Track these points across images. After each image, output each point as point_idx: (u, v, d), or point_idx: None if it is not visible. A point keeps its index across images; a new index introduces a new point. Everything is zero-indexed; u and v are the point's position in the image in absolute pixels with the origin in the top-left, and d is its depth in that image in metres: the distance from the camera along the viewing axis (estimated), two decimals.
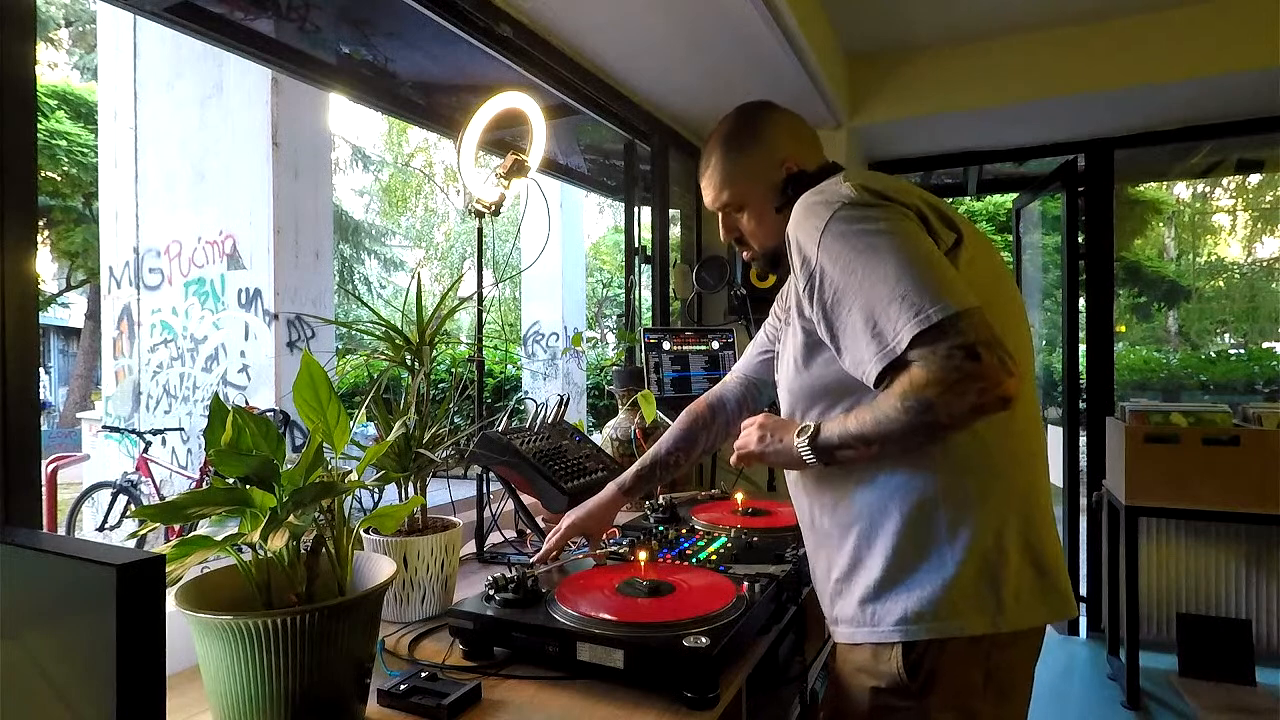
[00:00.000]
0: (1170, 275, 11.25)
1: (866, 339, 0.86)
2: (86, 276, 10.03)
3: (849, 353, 0.90)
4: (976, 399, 0.81)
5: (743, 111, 1.16)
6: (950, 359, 0.81)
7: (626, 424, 2.01)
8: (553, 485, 1.41)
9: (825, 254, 0.90)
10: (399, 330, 1.20)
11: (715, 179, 1.15)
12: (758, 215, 1.12)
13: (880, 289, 0.85)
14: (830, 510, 1.00)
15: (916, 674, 0.92)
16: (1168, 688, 2.70)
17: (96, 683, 0.56)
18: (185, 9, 1.84)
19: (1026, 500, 0.95)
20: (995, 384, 0.80)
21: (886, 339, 0.84)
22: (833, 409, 0.98)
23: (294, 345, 4.58)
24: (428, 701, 0.84)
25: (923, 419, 0.83)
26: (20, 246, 0.85)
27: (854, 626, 0.97)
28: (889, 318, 0.84)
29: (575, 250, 7.52)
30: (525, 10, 1.90)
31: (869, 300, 0.86)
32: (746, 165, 1.11)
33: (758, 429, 1.04)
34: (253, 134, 4.53)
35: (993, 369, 0.80)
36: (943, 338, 0.81)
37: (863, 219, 0.90)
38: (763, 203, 1.11)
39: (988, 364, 0.80)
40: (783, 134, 1.12)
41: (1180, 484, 2.53)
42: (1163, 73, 2.56)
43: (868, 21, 2.65)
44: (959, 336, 0.81)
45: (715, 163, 1.15)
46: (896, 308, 0.83)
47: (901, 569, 0.93)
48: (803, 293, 0.95)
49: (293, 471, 0.78)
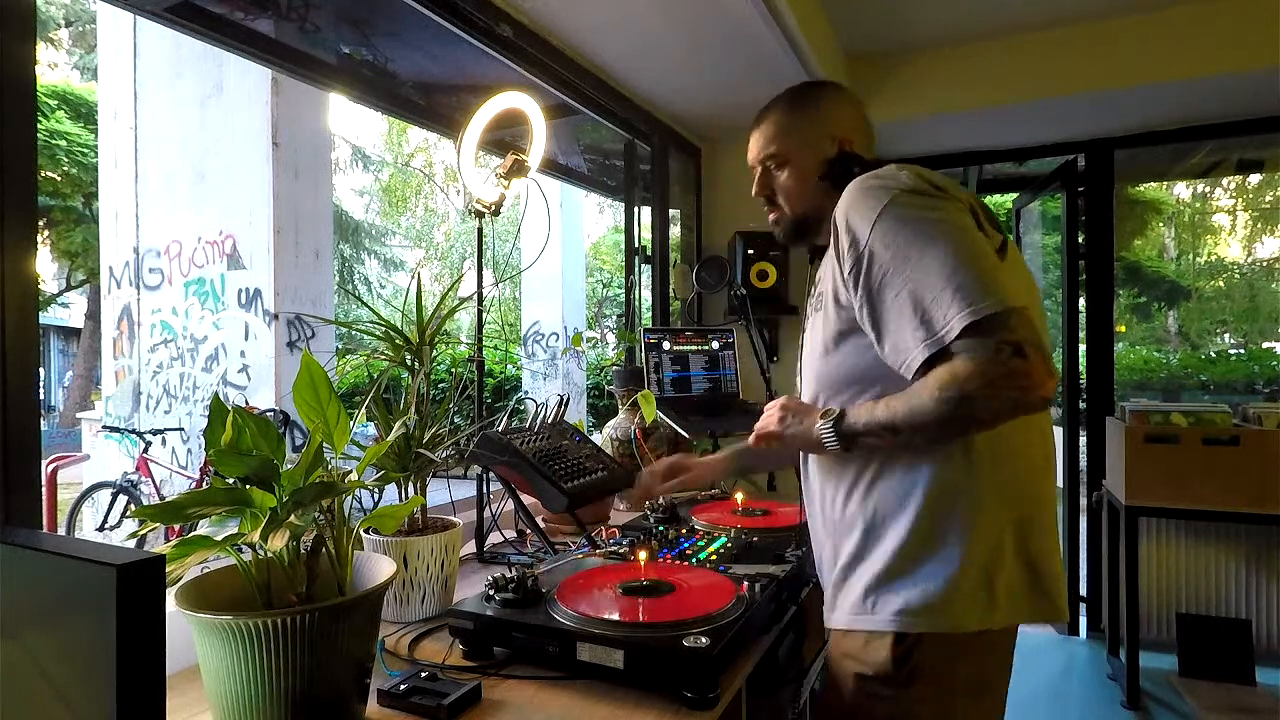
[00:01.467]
0: (1170, 275, 11.24)
1: (914, 325, 0.86)
2: (86, 276, 10.03)
3: (891, 337, 0.90)
4: (1019, 395, 0.81)
5: (813, 83, 1.17)
6: (999, 353, 0.81)
7: (626, 424, 2.01)
8: (553, 485, 1.41)
9: (879, 237, 0.90)
10: (399, 330, 1.20)
11: (767, 131, 1.14)
12: (798, 176, 1.11)
13: (933, 276, 0.85)
14: (844, 498, 1.01)
15: (904, 665, 0.93)
16: (1168, 688, 2.70)
17: (96, 683, 0.56)
18: (185, 9, 1.84)
19: (1035, 504, 0.97)
20: (1038, 384, 0.81)
21: (935, 326, 0.84)
22: (858, 398, 0.98)
23: (294, 345, 4.58)
24: (428, 701, 0.84)
25: (959, 412, 0.83)
26: (20, 246, 0.85)
27: (852, 614, 0.98)
28: (940, 305, 0.84)
29: (575, 250, 7.51)
30: (525, 10, 1.90)
31: (920, 286, 0.86)
32: (802, 127, 1.11)
33: (780, 409, 1.04)
34: (253, 134, 4.53)
35: (1038, 369, 0.81)
36: (992, 332, 0.81)
37: (921, 206, 0.90)
38: (806, 167, 1.10)
39: (1034, 363, 0.80)
40: (845, 114, 1.12)
41: (1180, 484, 2.53)
42: (1163, 73, 2.56)
43: (868, 21, 2.65)
44: (1008, 333, 0.81)
45: (773, 116, 1.14)
46: (949, 296, 0.83)
47: (910, 561, 0.94)
48: (847, 275, 0.94)
49: (293, 471, 0.78)
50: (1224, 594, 2.97)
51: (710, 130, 3.00)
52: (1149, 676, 2.72)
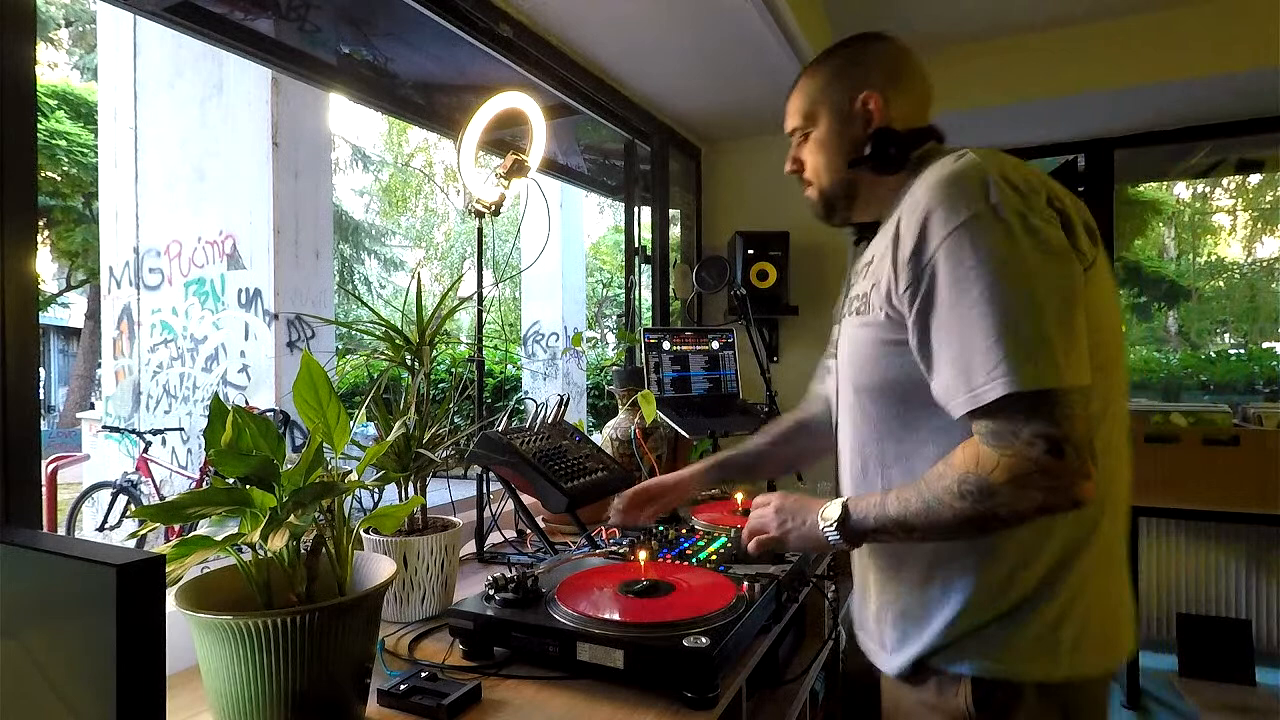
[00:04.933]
0: (1170, 275, 11.23)
1: (953, 372, 0.77)
2: (86, 276, 10.03)
3: (938, 377, 0.80)
4: (1044, 499, 0.74)
5: (848, 38, 1.02)
6: (1032, 447, 0.73)
7: (626, 424, 2.01)
8: (553, 485, 1.41)
9: (946, 256, 0.78)
10: (399, 330, 1.20)
11: (794, 100, 1.03)
12: (820, 144, 0.99)
13: (986, 324, 0.74)
14: None
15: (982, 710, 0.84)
16: (1168, 688, 2.70)
17: (96, 683, 0.56)
18: (185, 9, 1.84)
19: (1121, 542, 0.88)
20: (1069, 485, 0.73)
21: (975, 381, 0.75)
22: (907, 411, 0.87)
23: (294, 345, 4.58)
24: (428, 701, 0.84)
25: (979, 508, 0.76)
26: (20, 246, 0.85)
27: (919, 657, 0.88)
28: (985, 362, 0.74)
29: (575, 250, 7.51)
30: (525, 10, 1.90)
31: (969, 331, 0.75)
32: (828, 91, 0.98)
33: (774, 512, 0.97)
34: (253, 134, 4.53)
35: (1071, 472, 0.72)
36: (1033, 416, 0.73)
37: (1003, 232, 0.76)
38: (829, 132, 0.98)
39: (1070, 464, 0.72)
40: (875, 65, 0.97)
41: (1180, 484, 2.53)
42: (1163, 73, 2.55)
43: (868, 21, 2.62)
44: (1049, 425, 0.72)
45: (800, 83, 1.02)
46: (996, 356, 0.73)
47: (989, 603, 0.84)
48: (902, 292, 0.82)
49: (293, 471, 0.78)
50: (1224, 594, 2.97)
51: (710, 130, 3.00)
52: (1149, 676, 2.72)
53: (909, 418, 0.88)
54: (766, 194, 2.96)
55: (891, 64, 0.98)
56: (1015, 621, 0.83)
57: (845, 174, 0.97)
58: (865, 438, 0.94)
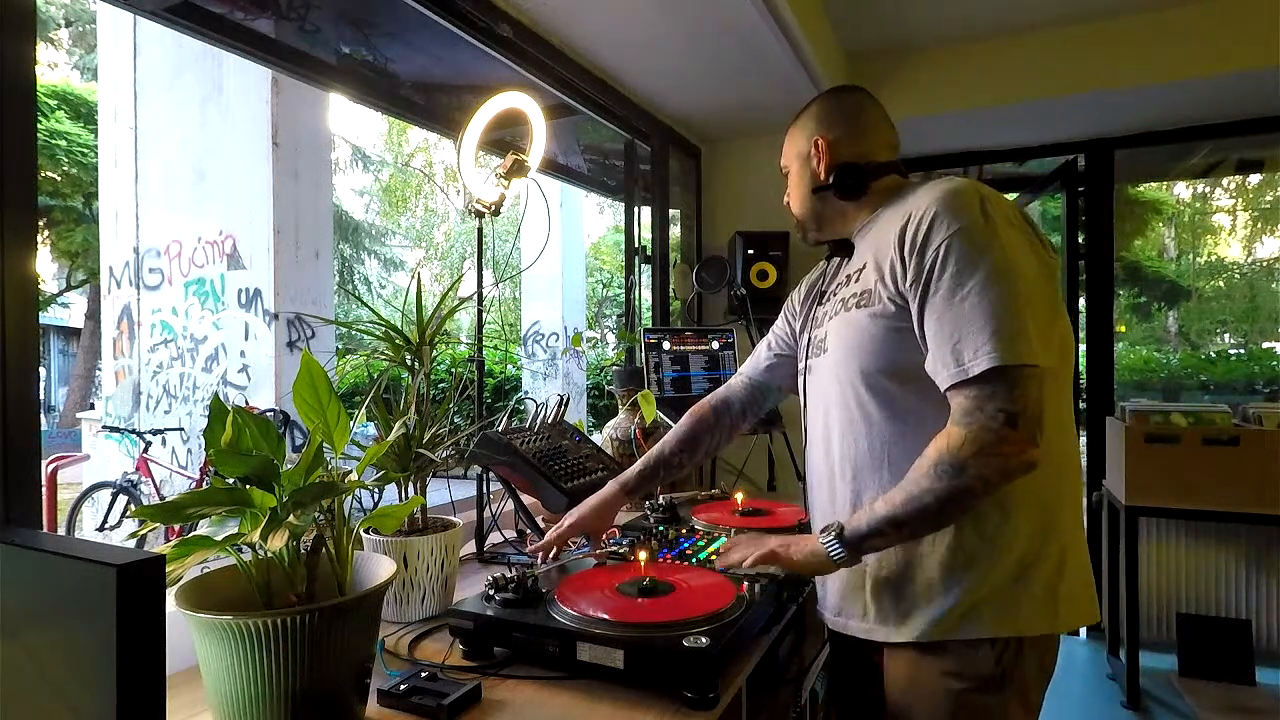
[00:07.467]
0: (1170, 275, 11.23)
1: (948, 349, 0.91)
2: (86, 276, 10.02)
3: (933, 354, 0.94)
4: (1002, 464, 0.87)
5: (827, 90, 1.24)
6: (994, 420, 0.87)
7: (626, 424, 2.01)
8: (553, 485, 1.41)
9: (947, 254, 0.92)
10: (399, 330, 1.20)
11: (783, 148, 1.23)
12: (793, 181, 1.20)
13: (979, 311, 0.89)
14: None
15: (999, 668, 0.96)
16: (1168, 688, 2.70)
17: (96, 683, 0.56)
18: (185, 9, 1.84)
19: (1081, 505, 1.04)
20: (1020, 451, 0.87)
21: (964, 358, 0.89)
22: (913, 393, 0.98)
23: (294, 345, 4.58)
24: (428, 701, 0.84)
25: (955, 483, 0.87)
26: (20, 246, 0.85)
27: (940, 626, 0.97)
28: (973, 341, 0.89)
29: (575, 250, 7.51)
30: (525, 10, 1.90)
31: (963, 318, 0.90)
32: (794, 136, 1.20)
33: (776, 540, 1.07)
34: (253, 134, 4.53)
35: (1024, 440, 0.87)
36: (996, 393, 0.87)
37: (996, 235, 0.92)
38: (796, 172, 1.18)
39: (1022, 434, 0.87)
40: (831, 115, 1.16)
41: (1180, 484, 2.53)
42: (1163, 73, 2.56)
43: (868, 21, 2.65)
44: (1007, 401, 0.87)
45: (787, 132, 1.23)
46: (984, 335, 0.88)
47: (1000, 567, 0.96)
48: (910, 283, 0.96)
49: (293, 471, 0.78)
50: (1224, 594, 2.97)
51: (710, 130, 3.00)
52: (1149, 676, 2.72)
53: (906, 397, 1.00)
54: (766, 194, 2.95)
55: (850, 113, 1.15)
56: (1025, 580, 0.95)
57: (810, 201, 1.16)
58: (857, 420, 1.04)
